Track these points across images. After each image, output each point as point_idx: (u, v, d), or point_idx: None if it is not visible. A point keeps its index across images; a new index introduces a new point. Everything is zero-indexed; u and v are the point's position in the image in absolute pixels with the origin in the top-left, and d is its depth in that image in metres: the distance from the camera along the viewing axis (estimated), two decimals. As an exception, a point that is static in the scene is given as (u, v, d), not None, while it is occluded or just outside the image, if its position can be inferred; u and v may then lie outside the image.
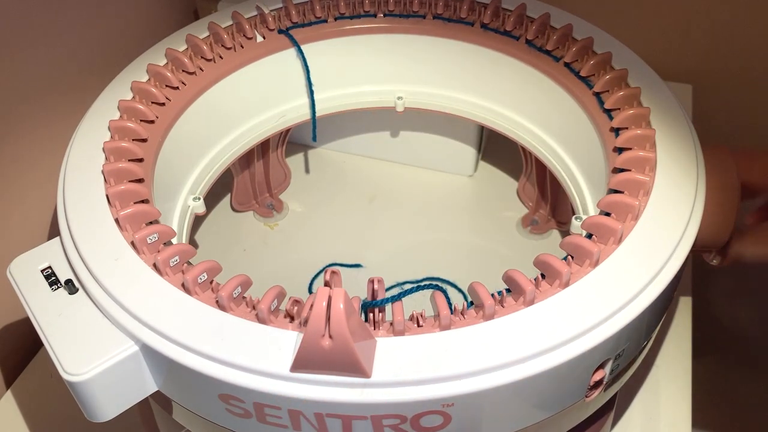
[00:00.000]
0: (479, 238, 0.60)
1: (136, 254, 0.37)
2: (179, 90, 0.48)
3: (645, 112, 0.43)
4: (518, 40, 0.50)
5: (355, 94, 0.57)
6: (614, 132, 0.44)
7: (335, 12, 0.53)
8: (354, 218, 0.62)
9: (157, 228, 0.38)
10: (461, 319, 0.35)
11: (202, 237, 0.61)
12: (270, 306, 0.34)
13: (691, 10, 0.69)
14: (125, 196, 0.40)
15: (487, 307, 0.34)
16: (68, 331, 0.36)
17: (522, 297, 0.35)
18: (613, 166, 0.42)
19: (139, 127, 0.44)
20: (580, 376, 0.35)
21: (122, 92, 0.47)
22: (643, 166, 0.41)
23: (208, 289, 0.36)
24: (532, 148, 0.53)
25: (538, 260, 0.37)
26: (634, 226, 0.38)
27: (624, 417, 0.51)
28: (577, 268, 0.37)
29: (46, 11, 0.54)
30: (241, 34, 0.51)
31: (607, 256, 0.37)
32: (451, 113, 0.56)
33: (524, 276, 0.35)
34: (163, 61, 0.49)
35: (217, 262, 0.37)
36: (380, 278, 0.35)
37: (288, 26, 0.52)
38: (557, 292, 0.35)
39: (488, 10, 0.51)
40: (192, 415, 0.37)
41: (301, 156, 0.67)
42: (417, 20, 0.53)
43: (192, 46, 0.50)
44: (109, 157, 0.42)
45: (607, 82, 0.46)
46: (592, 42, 0.48)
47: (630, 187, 0.40)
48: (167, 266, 0.37)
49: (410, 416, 0.33)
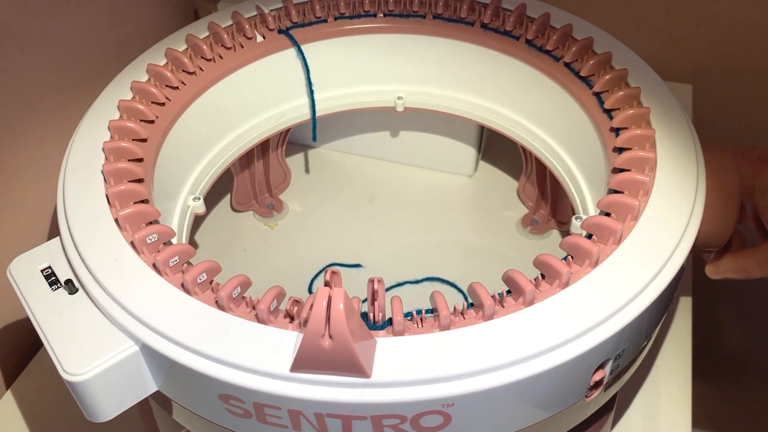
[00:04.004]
0: (479, 238, 0.60)
1: (136, 254, 0.37)
2: (179, 90, 0.48)
3: (645, 112, 0.43)
4: (518, 40, 0.50)
5: (355, 94, 0.57)
6: (614, 132, 0.44)
7: (335, 12, 0.53)
8: (354, 218, 0.62)
9: (156, 228, 0.38)
10: (461, 319, 0.35)
11: (202, 237, 0.61)
12: (269, 306, 0.34)
13: (692, 10, 0.69)
14: (125, 196, 0.40)
15: (487, 307, 0.34)
16: (68, 331, 0.36)
17: (522, 297, 0.35)
18: (613, 166, 0.42)
19: (139, 127, 0.44)
20: (580, 376, 0.35)
21: (122, 92, 0.47)
22: (642, 166, 0.41)
23: (207, 289, 0.36)
24: (532, 148, 0.53)
25: (538, 260, 0.37)
26: (634, 227, 0.38)
27: (624, 417, 0.51)
28: (576, 268, 0.37)
29: (46, 11, 0.54)
30: (241, 34, 0.51)
31: (606, 256, 0.37)
32: (451, 113, 0.56)
33: (524, 276, 0.35)
34: (162, 61, 0.49)
35: (216, 262, 0.37)
36: (380, 278, 0.35)
37: (288, 26, 0.52)
38: (557, 292, 0.35)
39: (488, 10, 0.51)
40: (192, 415, 0.37)
41: (301, 156, 0.67)
42: (417, 20, 0.53)
43: (192, 46, 0.50)
44: (108, 157, 0.42)
45: (607, 82, 0.46)
46: (592, 42, 0.48)
47: (630, 187, 0.40)
48: (167, 266, 0.37)
49: (410, 416, 0.33)
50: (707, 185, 0.41)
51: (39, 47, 0.54)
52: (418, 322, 0.35)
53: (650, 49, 0.55)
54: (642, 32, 0.72)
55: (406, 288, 0.56)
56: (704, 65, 0.73)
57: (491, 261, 0.58)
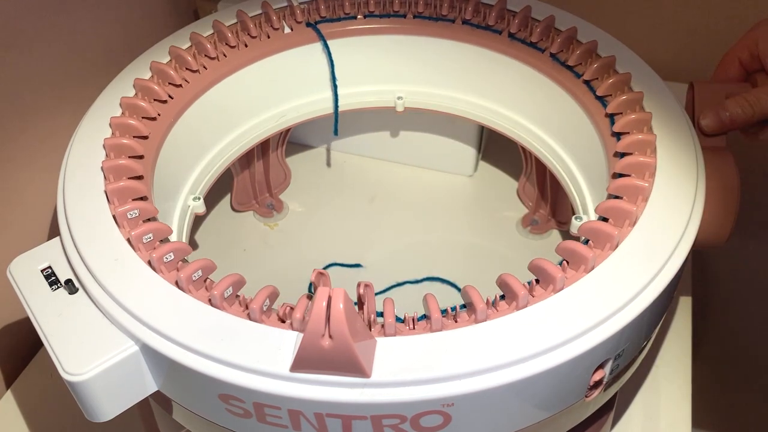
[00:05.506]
0: (479, 238, 0.60)
1: (136, 254, 0.37)
2: (182, 88, 0.48)
3: (647, 117, 0.43)
4: (521, 42, 0.50)
5: (355, 94, 0.57)
6: (615, 136, 0.43)
7: (340, 12, 0.53)
8: (354, 218, 0.62)
9: (153, 226, 0.39)
10: (461, 319, 0.35)
11: (202, 237, 0.61)
12: (262, 306, 0.34)
13: (693, 9, 0.69)
14: (123, 192, 0.40)
15: (479, 311, 0.34)
16: (68, 331, 0.36)
17: (515, 302, 0.35)
18: (613, 171, 0.42)
19: (140, 124, 0.44)
20: (580, 375, 0.35)
21: (124, 90, 0.47)
22: (643, 171, 0.41)
23: (202, 288, 0.36)
24: (532, 148, 0.53)
25: (533, 265, 0.37)
26: (630, 231, 0.38)
27: (624, 417, 0.51)
28: (572, 273, 0.37)
29: (49, 10, 0.54)
30: (246, 32, 0.51)
31: (603, 259, 0.37)
32: (451, 113, 0.56)
33: (518, 281, 0.35)
34: (164, 60, 0.49)
35: (211, 260, 0.37)
36: (369, 283, 0.35)
37: (315, 21, 0.52)
38: (556, 293, 0.35)
39: (492, 12, 0.51)
40: (192, 415, 0.37)
41: (301, 156, 0.67)
42: (418, 21, 0.53)
43: (196, 44, 0.50)
44: (109, 154, 0.42)
45: (609, 85, 0.45)
46: (596, 45, 0.48)
47: (629, 192, 0.40)
48: (161, 263, 0.37)
49: (410, 416, 0.33)
50: (707, 186, 0.41)
51: (39, 47, 0.54)
52: (410, 323, 0.35)
53: (651, 49, 0.55)
54: (643, 32, 0.72)
55: (406, 288, 0.56)
56: (704, 65, 0.73)
57: (491, 261, 0.58)
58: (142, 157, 0.43)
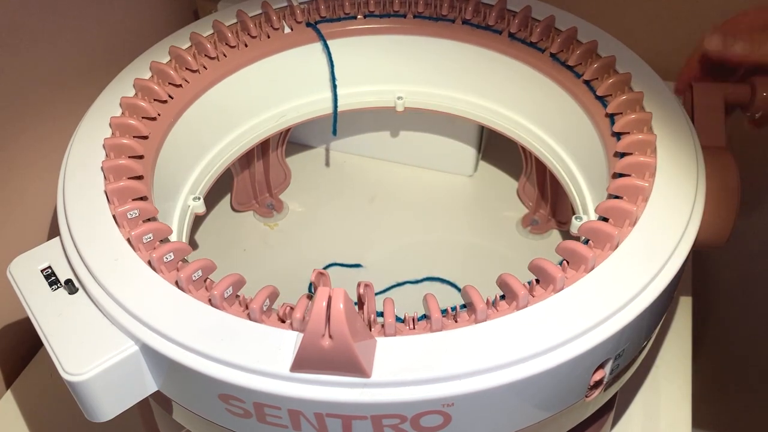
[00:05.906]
0: (479, 238, 0.60)
1: (136, 254, 0.37)
2: (182, 88, 0.48)
3: (647, 117, 0.43)
4: (521, 42, 0.50)
5: (355, 94, 0.57)
6: (616, 136, 0.43)
7: (340, 12, 0.53)
8: (354, 218, 0.62)
9: (153, 226, 0.39)
10: (461, 319, 0.35)
11: (202, 237, 0.61)
12: (262, 306, 0.34)
13: (693, 9, 0.69)
14: (123, 192, 0.40)
15: (480, 311, 0.34)
16: (68, 331, 0.36)
17: (515, 302, 0.35)
18: (613, 171, 0.42)
19: (140, 124, 0.44)
20: (580, 375, 0.35)
21: (124, 90, 0.47)
22: (643, 171, 0.41)
23: (202, 288, 0.36)
24: (532, 148, 0.53)
25: (533, 265, 0.37)
26: (630, 231, 0.38)
27: (624, 417, 0.51)
28: (572, 273, 0.37)
29: (48, 10, 0.54)
30: (246, 32, 0.51)
31: (603, 259, 0.37)
32: (451, 113, 0.56)
33: (518, 281, 0.35)
34: (164, 59, 0.49)
35: (211, 260, 0.37)
36: (369, 283, 0.35)
37: (316, 21, 0.52)
38: (552, 295, 0.35)
39: (492, 12, 0.51)
40: (192, 415, 0.37)
41: (301, 156, 0.67)
42: (418, 21, 0.53)
43: (196, 44, 0.50)
44: (109, 154, 0.42)
45: (610, 85, 0.45)
46: (596, 45, 0.48)
47: (629, 192, 0.40)
48: (161, 263, 0.37)
49: (410, 416, 0.33)
50: (708, 187, 0.41)
51: (39, 47, 0.54)
52: (410, 323, 0.35)
53: (652, 49, 0.55)
54: (644, 32, 0.72)
55: (406, 288, 0.56)
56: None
57: (491, 261, 0.58)
58: (142, 157, 0.43)
